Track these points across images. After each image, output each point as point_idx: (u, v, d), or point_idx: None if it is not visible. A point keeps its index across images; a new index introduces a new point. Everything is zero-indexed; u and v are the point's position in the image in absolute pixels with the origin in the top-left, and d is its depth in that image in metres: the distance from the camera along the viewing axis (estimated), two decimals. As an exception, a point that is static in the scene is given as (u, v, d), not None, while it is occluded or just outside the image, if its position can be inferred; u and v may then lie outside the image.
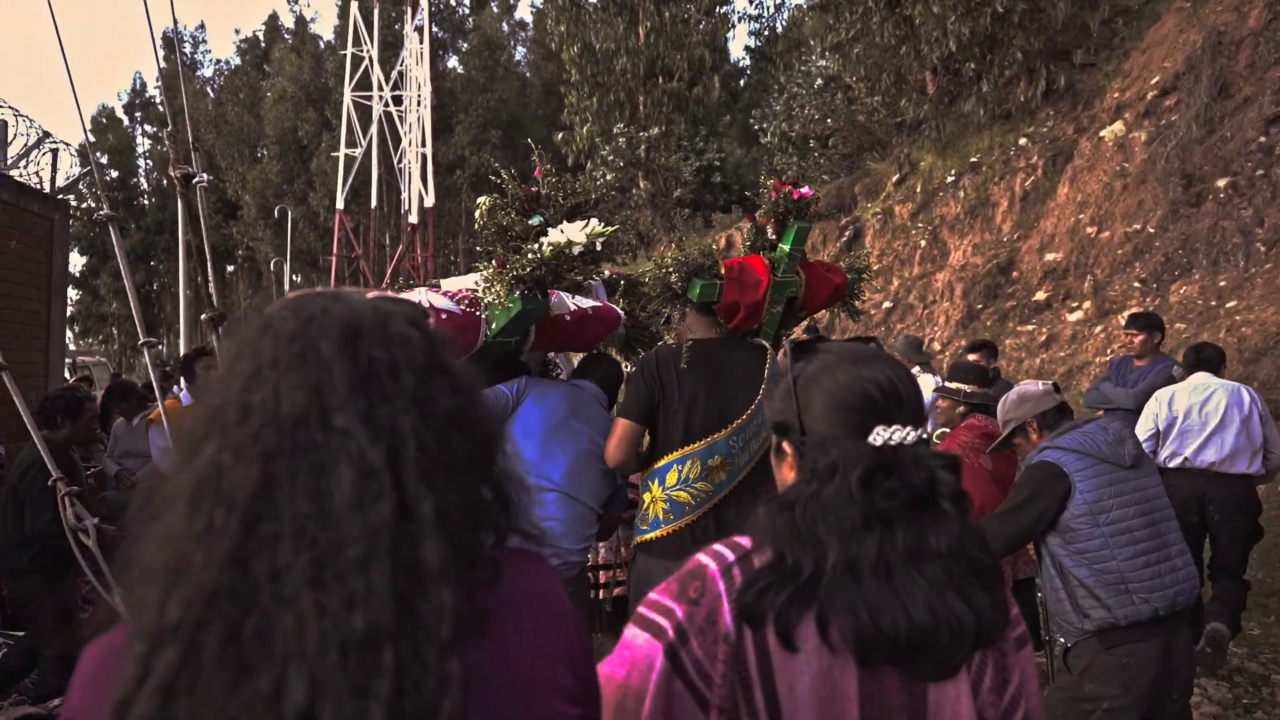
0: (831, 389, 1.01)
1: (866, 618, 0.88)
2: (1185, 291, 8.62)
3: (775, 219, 2.89)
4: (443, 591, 0.65)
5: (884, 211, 13.94)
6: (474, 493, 0.73)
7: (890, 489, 0.94)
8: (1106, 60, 12.17)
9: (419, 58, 26.56)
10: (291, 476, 0.65)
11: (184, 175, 2.28)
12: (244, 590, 0.62)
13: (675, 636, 0.93)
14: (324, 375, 0.68)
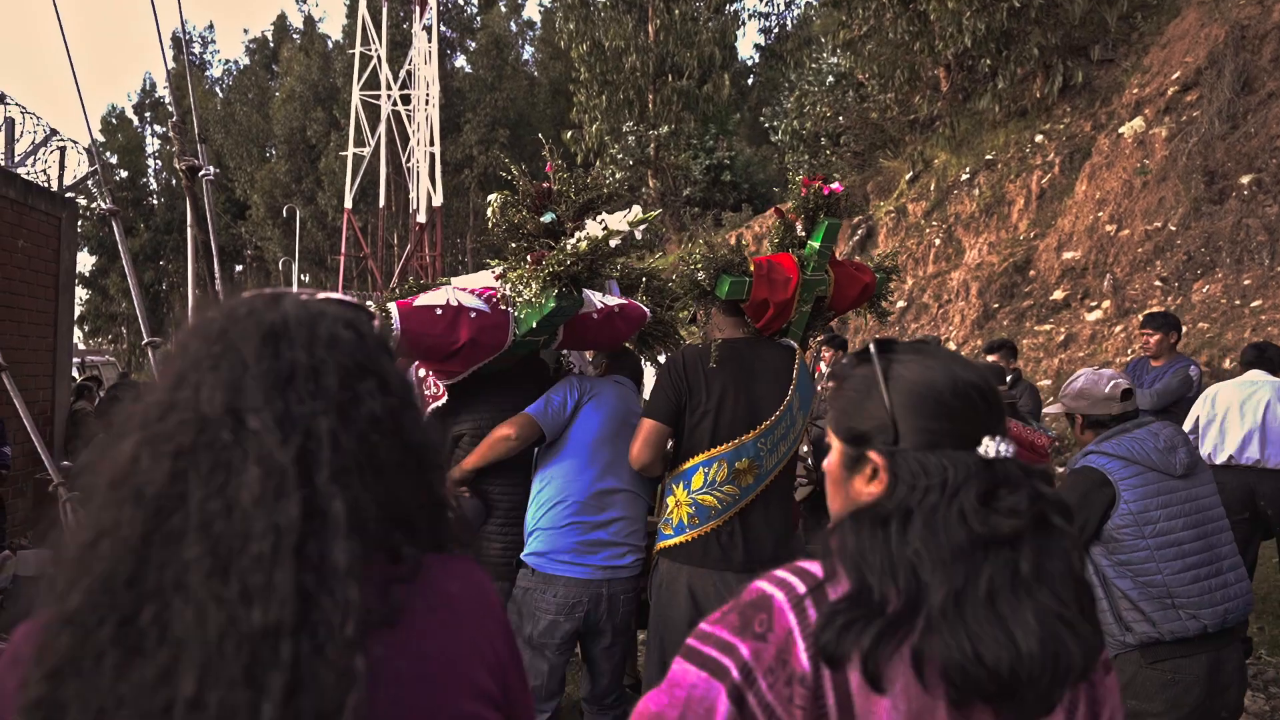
0: (930, 390, 0.90)
1: (971, 653, 0.78)
2: (1208, 290, 8.45)
3: (805, 215, 2.80)
4: (349, 589, 0.65)
5: (897, 210, 13.78)
6: (397, 494, 0.73)
7: (1012, 506, 0.83)
8: (1125, 56, 11.98)
9: (427, 57, 26.52)
10: (201, 473, 0.66)
11: (190, 168, 2.19)
12: (144, 581, 0.63)
13: (741, 677, 0.83)
14: (241, 375, 0.69)
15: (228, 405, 0.68)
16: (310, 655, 0.63)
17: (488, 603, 0.79)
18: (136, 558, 0.64)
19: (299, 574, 0.64)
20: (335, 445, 0.69)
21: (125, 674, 0.62)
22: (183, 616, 0.62)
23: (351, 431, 0.70)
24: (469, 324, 2.28)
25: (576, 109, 21.59)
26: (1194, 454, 2.36)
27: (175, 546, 0.64)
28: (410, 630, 0.70)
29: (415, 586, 0.72)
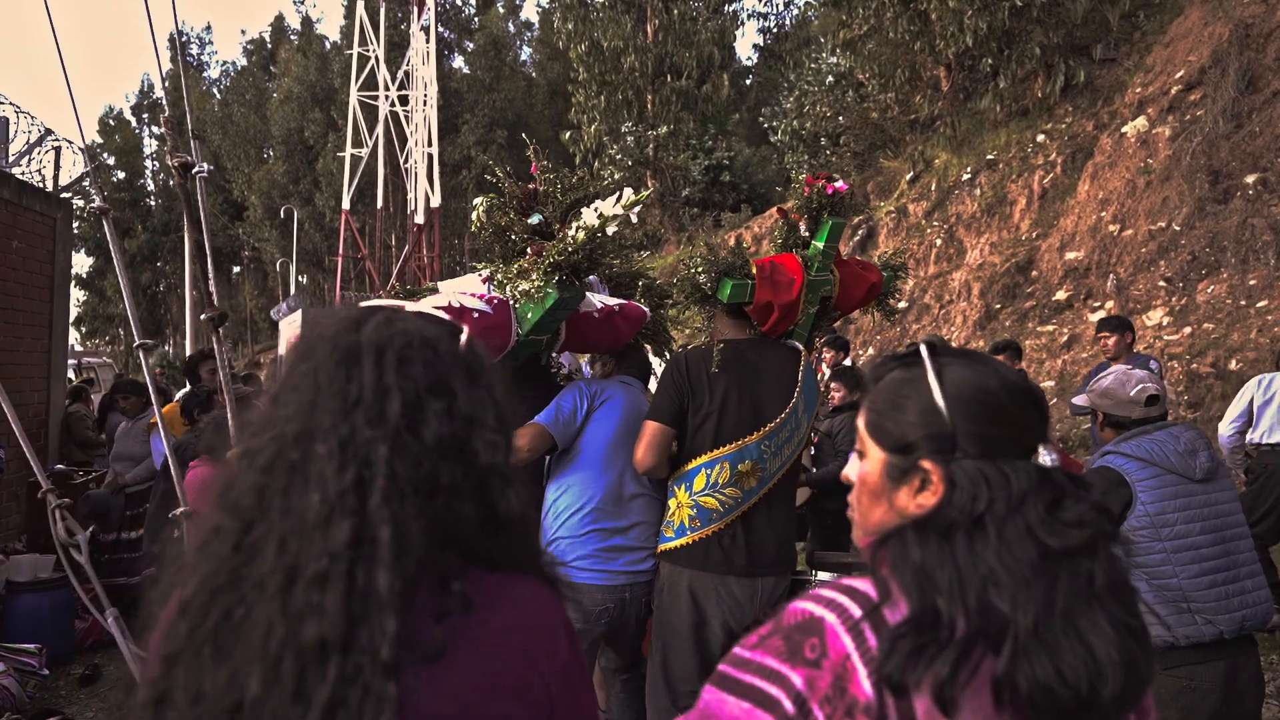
0: (987, 397, 0.84)
1: (1055, 674, 0.74)
2: (1213, 290, 8.39)
3: (809, 215, 2.74)
4: (388, 618, 0.68)
5: (898, 210, 13.72)
6: (455, 516, 0.75)
7: (1079, 517, 0.79)
8: (1127, 55, 11.93)
9: (425, 57, 26.44)
10: (280, 491, 0.72)
11: (182, 164, 2.11)
12: (236, 586, 0.70)
13: (795, 708, 0.77)
14: (314, 398, 0.74)
15: (302, 427, 0.74)
16: (352, 676, 0.67)
17: (542, 630, 0.79)
18: (230, 564, 0.71)
19: (348, 597, 0.69)
20: (390, 473, 0.72)
21: (213, 669, 0.69)
22: (256, 625, 0.69)
23: (408, 459, 0.73)
24: (472, 324, 2.24)
25: (575, 109, 21.53)
26: (1215, 459, 2.31)
27: (256, 559, 0.71)
28: (449, 665, 0.72)
29: (474, 618, 0.74)
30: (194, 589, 0.72)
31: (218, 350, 2.13)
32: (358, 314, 0.81)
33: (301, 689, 0.67)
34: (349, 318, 0.81)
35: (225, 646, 0.69)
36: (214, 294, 2.21)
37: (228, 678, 0.68)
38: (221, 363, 2.13)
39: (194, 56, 47.74)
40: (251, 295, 43.15)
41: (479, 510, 0.77)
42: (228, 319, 2.18)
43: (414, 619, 0.70)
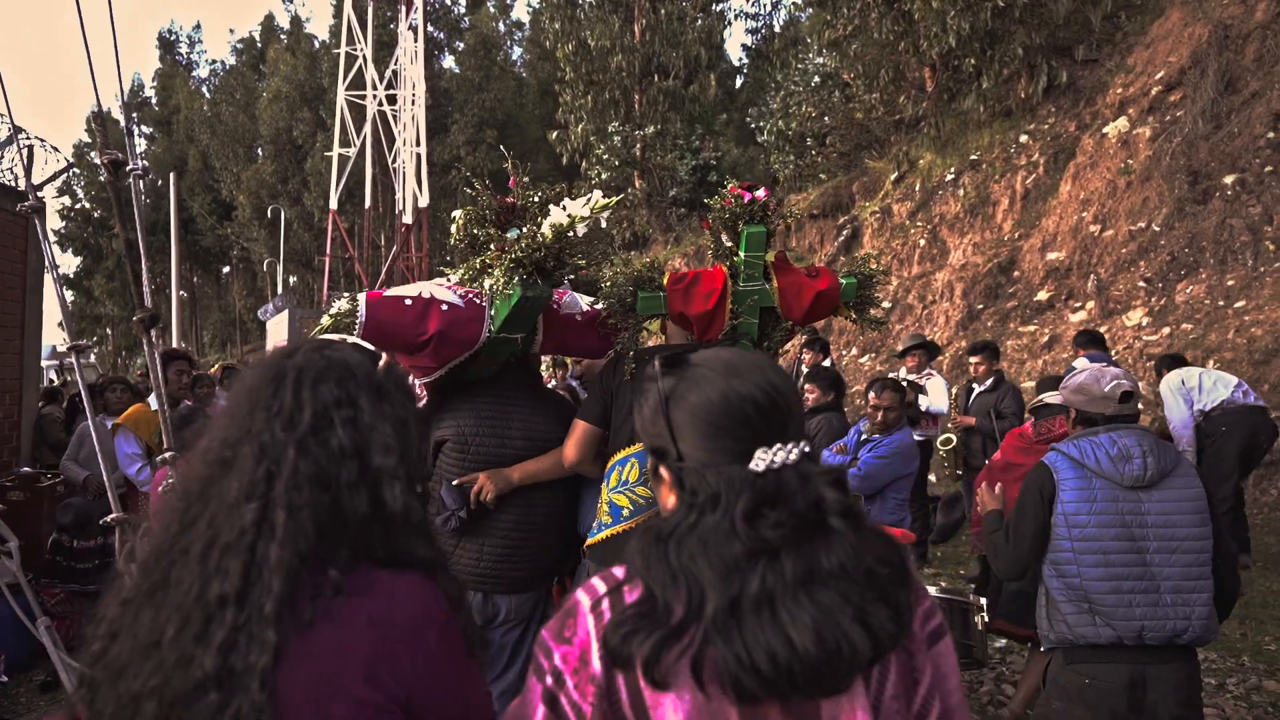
0: (704, 409, 0.93)
1: (746, 659, 0.82)
2: (1192, 291, 8.41)
3: (725, 226, 2.68)
4: (275, 581, 0.88)
5: (882, 210, 13.73)
6: (341, 511, 0.94)
7: (776, 520, 0.87)
8: (1109, 56, 11.97)
9: (413, 56, 26.33)
10: (215, 480, 0.94)
11: (112, 162, 2.07)
12: (174, 550, 0.92)
13: (553, 680, 0.91)
14: (250, 410, 0.97)
15: (238, 433, 0.96)
16: (243, 625, 0.87)
17: (405, 624, 0.93)
18: (174, 534, 0.94)
19: (247, 564, 0.89)
20: (294, 469, 0.93)
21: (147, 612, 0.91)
22: (181, 580, 0.90)
23: (309, 459, 0.94)
24: (439, 316, 2.22)
25: (563, 109, 21.46)
26: (1161, 468, 2.27)
27: (192, 530, 0.93)
28: (315, 637, 0.89)
29: (341, 601, 0.90)
30: (149, 552, 0.95)
31: (148, 352, 2.08)
32: (295, 344, 1.04)
33: (204, 633, 0.87)
34: (286, 348, 1.04)
35: (158, 598, 0.91)
36: (146, 293, 2.17)
37: (151, 621, 0.90)
38: (152, 363, 2.08)
39: (183, 55, 47.50)
40: (240, 295, 42.91)
41: (370, 504, 0.95)
42: (159, 320, 2.13)
43: (297, 592, 0.89)
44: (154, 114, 45.89)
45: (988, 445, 5.41)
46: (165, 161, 39.85)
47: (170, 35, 47.68)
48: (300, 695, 0.88)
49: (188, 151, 41.12)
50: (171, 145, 42.88)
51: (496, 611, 2.40)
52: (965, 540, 5.67)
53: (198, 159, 40.19)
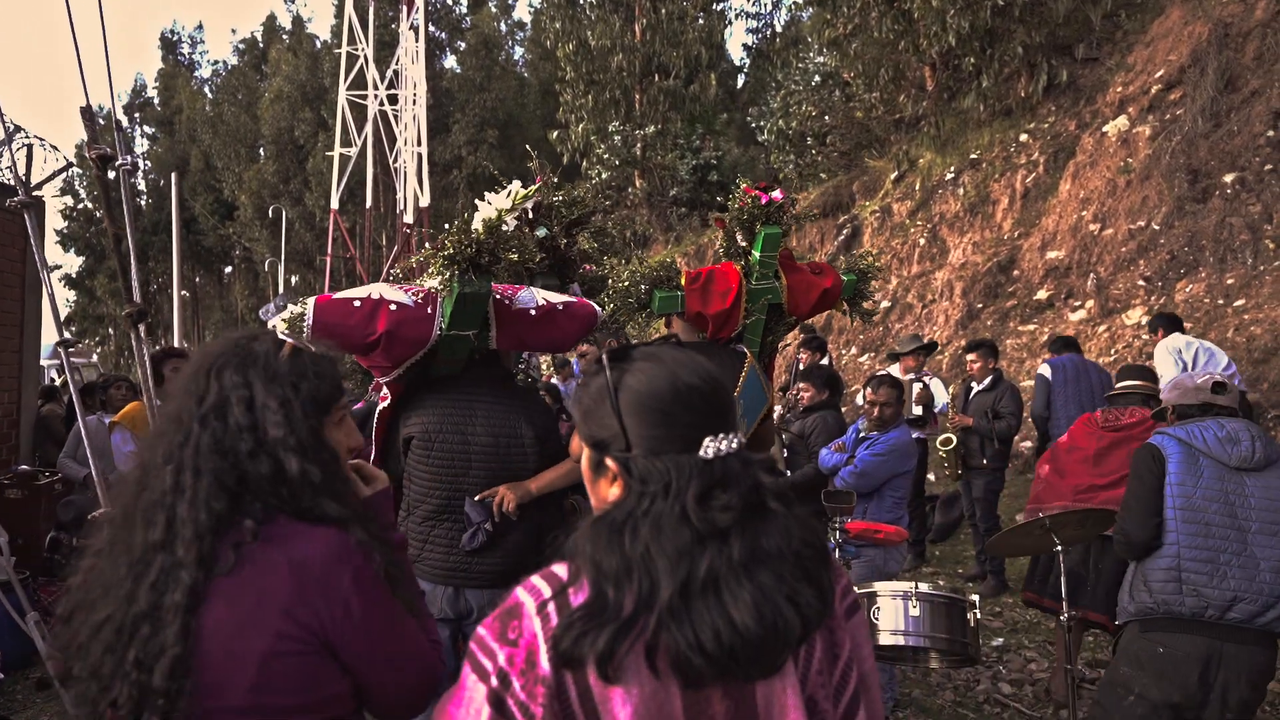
0: (653, 398, 0.96)
1: (695, 642, 0.86)
2: (1191, 290, 8.39)
3: (742, 227, 2.76)
4: (187, 529, 1.08)
5: (882, 209, 13.71)
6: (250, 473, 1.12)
7: (725, 503, 0.91)
8: (1109, 55, 11.94)
9: (414, 56, 26.34)
10: (160, 450, 1.15)
11: (100, 157, 2.06)
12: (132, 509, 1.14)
13: (499, 682, 0.91)
14: (179, 395, 1.19)
15: (172, 415, 1.18)
16: (169, 568, 1.07)
17: (317, 566, 1.09)
18: (129, 499, 1.15)
19: (169, 518, 1.09)
20: (197, 443, 1.13)
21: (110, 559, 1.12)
22: (135, 533, 1.11)
23: (209, 432, 1.14)
24: (387, 316, 2.24)
25: (563, 109, 21.45)
26: (1268, 454, 2.41)
27: (144, 492, 1.14)
28: (237, 579, 1.07)
29: (261, 549, 1.09)
30: (114, 514, 1.17)
31: (136, 347, 2.08)
32: (223, 337, 1.24)
33: (143, 574, 1.08)
34: (216, 339, 1.26)
35: (117, 548, 1.12)
36: (135, 288, 2.17)
37: (111, 565, 1.11)
38: (140, 359, 2.08)
39: (185, 56, 47.55)
40: (242, 295, 42.95)
41: (272, 469, 1.13)
42: (148, 316, 2.13)
43: (220, 544, 1.08)
44: (156, 114, 45.95)
45: (985, 445, 5.39)
46: (167, 162, 39.90)
47: (173, 36, 47.72)
48: (225, 632, 1.05)
49: (190, 151, 41.16)
50: (174, 145, 42.93)
51: (469, 608, 2.38)
52: (964, 539, 5.66)
53: (200, 159, 40.24)
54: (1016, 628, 4.82)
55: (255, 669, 1.05)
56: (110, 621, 1.07)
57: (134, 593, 1.07)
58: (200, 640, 1.04)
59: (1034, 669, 4.32)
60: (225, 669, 1.05)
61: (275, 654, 1.06)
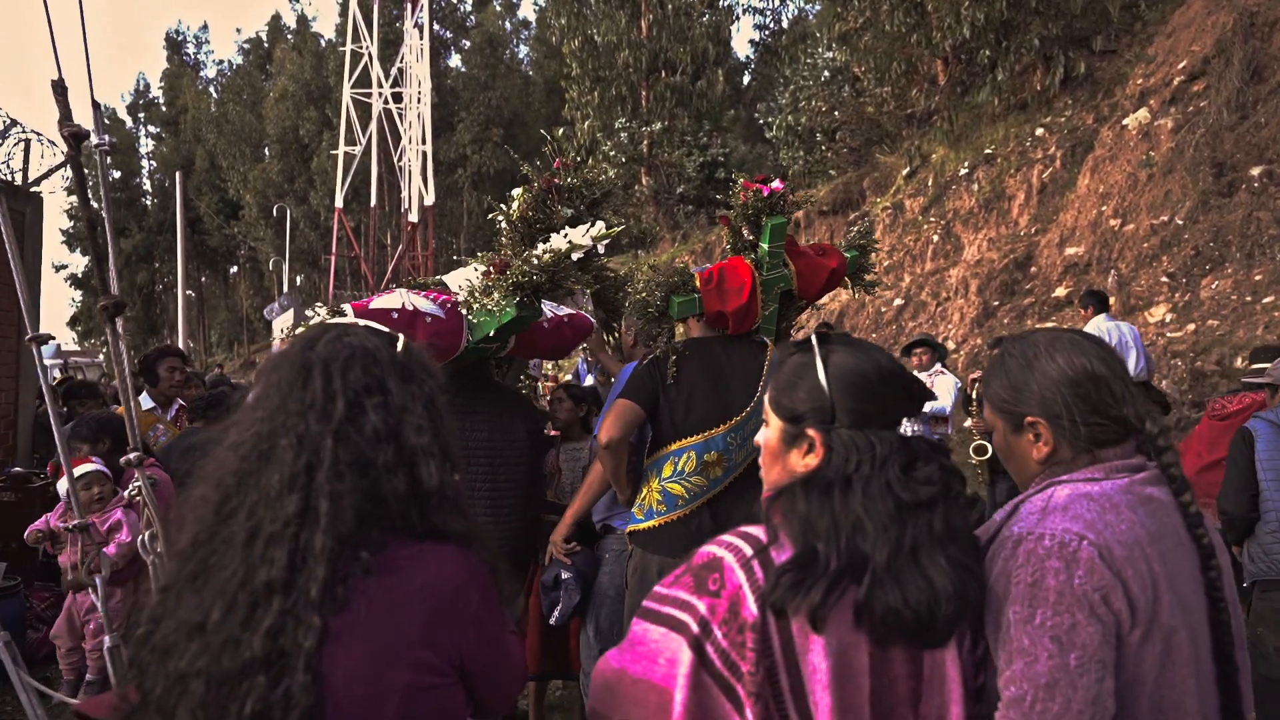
0: (862, 379, 1.05)
1: (903, 600, 0.94)
2: (1217, 286, 8.15)
3: (747, 220, 2.87)
4: (320, 568, 0.93)
5: (894, 206, 13.49)
6: (386, 489, 0.98)
7: (928, 476, 1.00)
8: (1128, 46, 11.69)
9: (419, 54, 26.20)
10: (252, 473, 0.98)
11: (72, 134, 1.88)
12: (213, 540, 0.97)
13: (699, 629, 0.97)
14: (280, 405, 1.01)
15: (271, 426, 0.99)
16: (290, 610, 0.91)
17: (452, 595, 0.99)
18: (212, 524, 0.97)
19: (292, 552, 0.93)
20: (334, 459, 0.96)
21: (189, 598, 0.94)
22: (224, 569, 0.94)
23: (348, 447, 0.97)
24: (424, 328, 2.29)
25: (569, 106, 21.28)
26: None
27: (231, 521, 0.96)
28: (366, 614, 0.93)
29: (377, 581, 0.94)
30: (185, 542, 0.98)
31: (112, 343, 1.90)
32: (314, 333, 1.06)
33: (250, 618, 0.91)
34: (306, 337, 1.05)
35: (199, 584, 0.94)
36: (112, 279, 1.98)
37: (197, 606, 0.93)
38: (117, 357, 1.90)
39: (190, 56, 47.52)
40: (247, 295, 42.90)
41: (407, 483, 0.99)
42: (124, 308, 1.95)
43: (334, 576, 0.93)
44: (161, 114, 45.93)
45: None
46: (172, 161, 39.84)
47: (178, 36, 47.71)
48: (353, 672, 0.92)
49: (195, 151, 41.12)
50: (179, 145, 42.89)
51: None
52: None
53: (205, 159, 40.19)
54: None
55: (396, 707, 0.94)
56: (203, 674, 0.90)
57: (239, 639, 0.90)
58: (328, 685, 0.91)
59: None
60: (362, 713, 0.93)
61: (417, 688, 0.95)
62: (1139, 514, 1.06)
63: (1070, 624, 0.98)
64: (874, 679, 0.96)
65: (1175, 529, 1.09)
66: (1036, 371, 1.14)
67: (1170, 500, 1.11)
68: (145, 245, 41.34)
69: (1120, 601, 1.00)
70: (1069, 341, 1.15)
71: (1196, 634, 1.07)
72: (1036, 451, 1.14)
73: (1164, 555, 1.05)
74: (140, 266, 41.61)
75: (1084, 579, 0.99)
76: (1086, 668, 0.97)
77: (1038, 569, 1.01)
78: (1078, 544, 1.01)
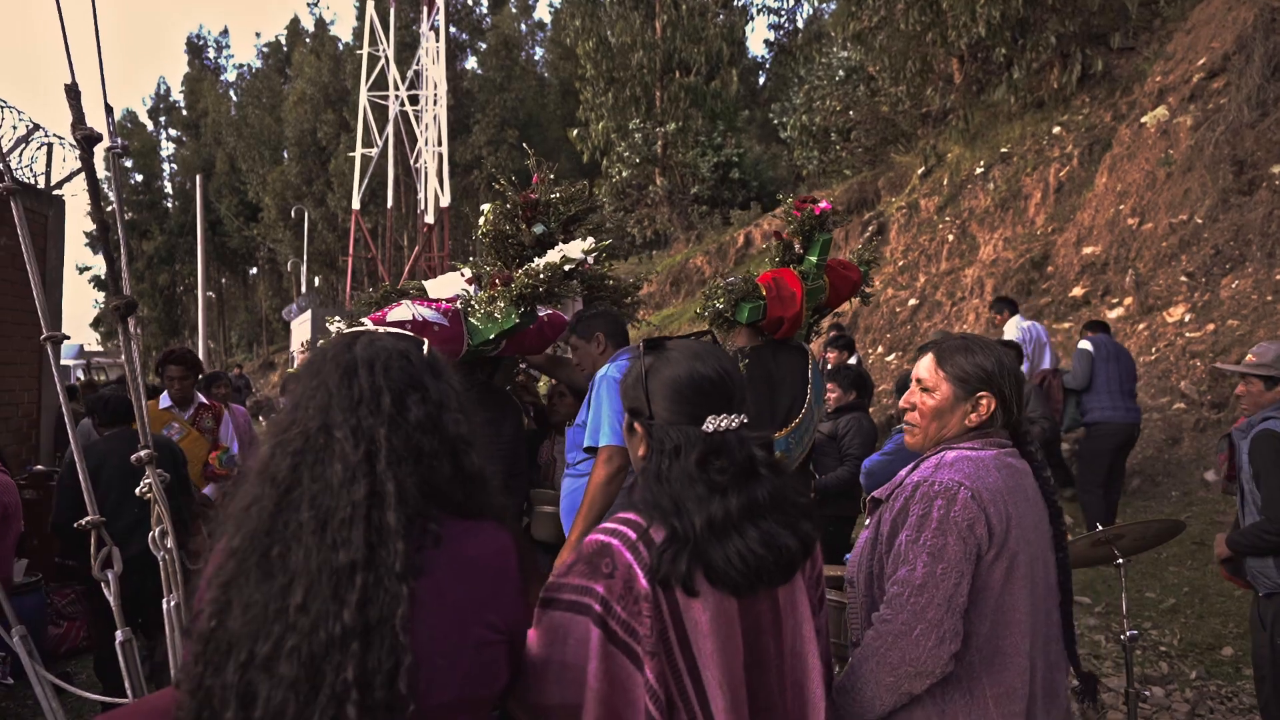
0: (673, 382, 1.26)
1: (726, 560, 1.16)
2: (1238, 286, 8.03)
3: (802, 235, 3.20)
4: (397, 541, 1.02)
5: (909, 205, 13.40)
6: (435, 474, 1.09)
7: (721, 467, 1.20)
8: (1146, 43, 11.55)
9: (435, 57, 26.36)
10: (309, 466, 1.05)
11: (85, 138, 1.92)
12: (275, 532, 1.03)
13: (602, 609, 1.14)
14: (329, 402, 1.09)
15: (322, 423, 1.06)
16: (374, 583, 0.99)
17: (496, 564, 1.11)
18: (271, 518, 1.03)
19: (367, 532, 1.01)
20: (390, 447, 1.05)
21: (261, 587, 1.00)
22: (297, 555, 1.00)
23: (400, 435, 1.07)
24: (433, 337, 2.46)
25: (583, 107, 21.31)
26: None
27: (295, 512, 1.02)
28: (439, 580, 1.05)
29: (442, 551, 1.06)
30: (241, 538, 1.03)
31: (124, 342, 1.94)
32: (349, 338, 1.15)
33: (337, 593, 0.98)
34: (343, 342, 1.15)
35: (267, 572, 1.00)
36: (124, 279, 2.02)
37: (279, 590, 0.99)
38: (128, 356, 1.94)
39: (211, 60, 48.11)
40: (266, 296, 43.36)
41: (452, 468, 1.10)
42: (136, 308, 1.99)
43: (408, 545, 1.03)
44: (182, 118, 46.53)
45: None
46: (193, 164, 40.37)
47: (199, 40, 48.30)
48: (435, 632, 1.03)
49: (215, 154, 41.62)
50: (199, 148, 43.43)
51: None
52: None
53: (225, 161, 40.65)
54: (1060, 640, 4.57)
55: (469, 660, 1.07)
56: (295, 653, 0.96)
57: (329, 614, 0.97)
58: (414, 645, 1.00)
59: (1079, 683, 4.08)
60: (444, 667, 1.04)
61: (485, 644, 1.08)
62: (1004, 473, 1.47)
63: (943, 544, 1.36)
64: (744, 619, 1.19)
65: (1026, 489, 1.50)
66: (996, 359, 1.53)
67: (1025, 468, 1.54)
68: (167, 247, 41.89)
69: (982, 529, 1.38)
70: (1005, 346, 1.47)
71: (1036, 562, 1.47)
72: (974, 418, 1.54)
73: (1016, 504, 1.45)
74: (162, 268, 42.17)
75: (959, 512, 1.38)
76: (948, 574, 1.35)
77: (927, 505, 1.40)
78: (957, 488, 1.40)
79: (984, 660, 1.41)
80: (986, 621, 1.40)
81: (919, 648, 1.33)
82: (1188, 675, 4.00)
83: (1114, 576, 4.01)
